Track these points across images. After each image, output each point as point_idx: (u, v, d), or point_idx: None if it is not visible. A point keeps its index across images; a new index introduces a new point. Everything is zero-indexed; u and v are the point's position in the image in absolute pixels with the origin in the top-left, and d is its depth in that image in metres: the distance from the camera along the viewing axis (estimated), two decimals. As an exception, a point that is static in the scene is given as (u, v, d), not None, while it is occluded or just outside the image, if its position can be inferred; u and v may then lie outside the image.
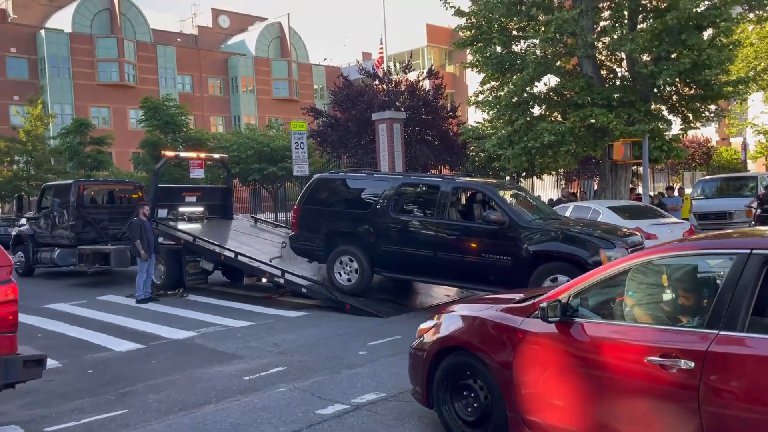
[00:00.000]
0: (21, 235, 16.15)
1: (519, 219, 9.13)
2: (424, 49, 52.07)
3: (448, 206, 9.82)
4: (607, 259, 8.42)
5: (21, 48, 47.19)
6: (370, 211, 10.25)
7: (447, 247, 9.48)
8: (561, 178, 28.60)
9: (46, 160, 32.13)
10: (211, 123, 54.37)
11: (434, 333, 4.78)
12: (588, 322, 3.85)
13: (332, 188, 11.12)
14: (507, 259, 9.00)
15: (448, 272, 9.61)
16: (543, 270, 8.72)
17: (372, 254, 10.14)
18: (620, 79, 17.09)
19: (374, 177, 11.09)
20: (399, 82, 22.75)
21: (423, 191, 10.55)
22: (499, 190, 9.88)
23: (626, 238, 9.14)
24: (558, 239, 8.84)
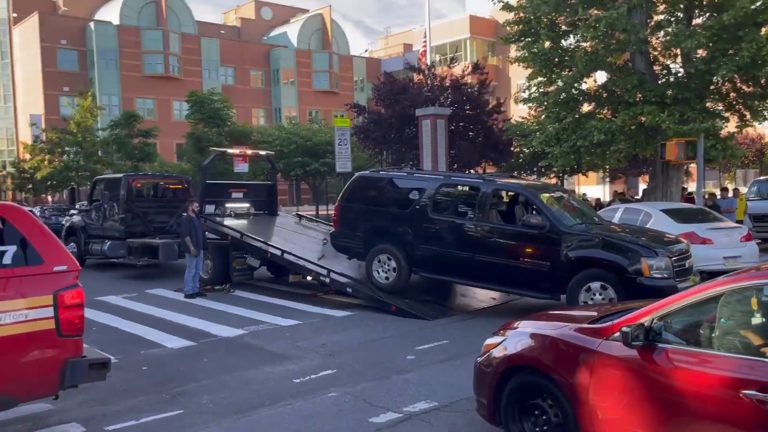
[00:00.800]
0: (73, 226, 16.57)
1: (559, 223, 9.01)
2: (467, 40, 51.54)
3: (487, 208, 9.76)
4: (648, 268, 8.33)
5: (71, 39, 48.39)
6: (409, 211, 10.25)
7: (485, 250, 9.43)
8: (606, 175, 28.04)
9: (95, 151, 32.96)
10: (252, 115, 54.96)
11: (502, 350, 4.68)
12: (674, 348, 3.70)
13: (373, 187, 11.16)
14: (546, 264, 8.93)
15: (487, 275, 9.56)
16: (582, 276, 8.64)
17: (410, 254, 10.17)
18: (674, 76, 16.59)
19: (414, 176, 11.07)
20: (443, 77, 22.54)
21: (463, 192, 10.50)
22: (541, 193, 9.76)
23: (671, 246, 8.93)
24: (598, 245, 8.72)
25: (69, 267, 4.85)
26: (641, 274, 8.33)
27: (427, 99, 21.38)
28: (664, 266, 8.40)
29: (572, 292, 8.66)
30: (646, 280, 8.30)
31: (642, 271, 8.36)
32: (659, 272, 8.35)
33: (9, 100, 54.55)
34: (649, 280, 8.30)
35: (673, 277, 8.44)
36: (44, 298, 4.68)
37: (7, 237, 4.68)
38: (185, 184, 16.53)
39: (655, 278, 8.32)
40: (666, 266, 8.40)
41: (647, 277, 8.32)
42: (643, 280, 8.31)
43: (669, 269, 8.42)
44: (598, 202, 22.27)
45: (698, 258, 11.49)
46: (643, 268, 8.34)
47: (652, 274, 8.32)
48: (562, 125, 16.29)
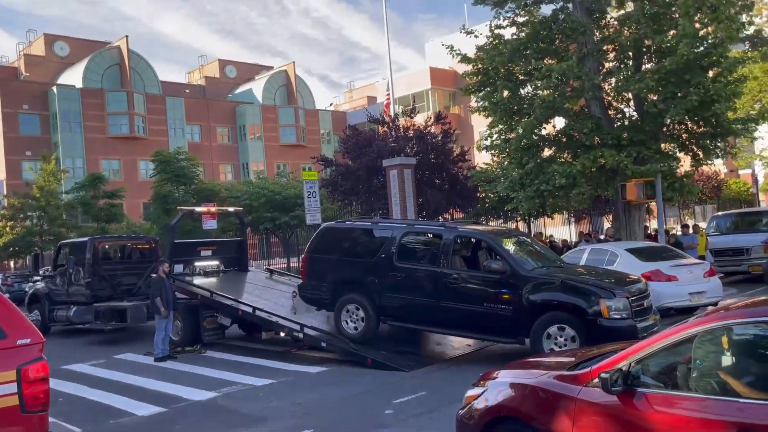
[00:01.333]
0: (37, 293, 16.18)
1: (520, 268, 9.20)
2: (429, 91, 52.74)
3: (450, 254, 9.88)
4: (607, 309, 8.50)
5: (33, 105, 48.13)
6: (375, 260, 10.34)
7: (449, 296, 9.53)
8: (572, 216, 28.54)
9: (60, 214, 32.41)
10: (219, 171, 54.92)
11: (483, 401, 4.66)
12: (653, 392, 3.72)
13: (339, 237, 11.26)
14: (509, 308, 9.07)
15: (452, 322, 9.69)
16: (544, 320, 8.80)
17: (378, 303, 10.23)
18: (628, 119, 17.21)
19: (379, 225, 11.20)
20: (407, 128, 22.96)
21: (426, 239, 10.62)
22: (502, 238, 9.96)
23: (629, 286, 9.13)
24: (558, 289, 8.89)
25: (33, 340, 4.75)
26: (601, 316, 8.51)
27: (393, 150, 21.70)
28: (623, 307, 8.60)
29: (535, 336, 8.79)
30: (606, 321, 8.48)
31: (601, 313, 8.53)
32: (618, 313, 8.54)
33: (-31, 166, 53.61)
34: (608, 321, 8.48)
35: (632, 317, 8.63)
36: (7, 374, 4.55)
37: (-32, 312, 4.58)
38: (153, 244, 16.34)
39: (615, 319, 8.51)
40: (624, 307, 8.60)
41: (607, 318, 8.50)
42: (603, 322, 8.48)
43: (627, 309, 8.61)
44: (565, 243, 22.60)
45: (665, 295, 11.76)
46: (603, 310, 8.52)
47: (611, 315, 8.51)
48: (525, 170, 16.65)
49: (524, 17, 17.32)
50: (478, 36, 17.97)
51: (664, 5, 15.55)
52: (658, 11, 15.46)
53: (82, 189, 31.77)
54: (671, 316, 12.76)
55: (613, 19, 17.30)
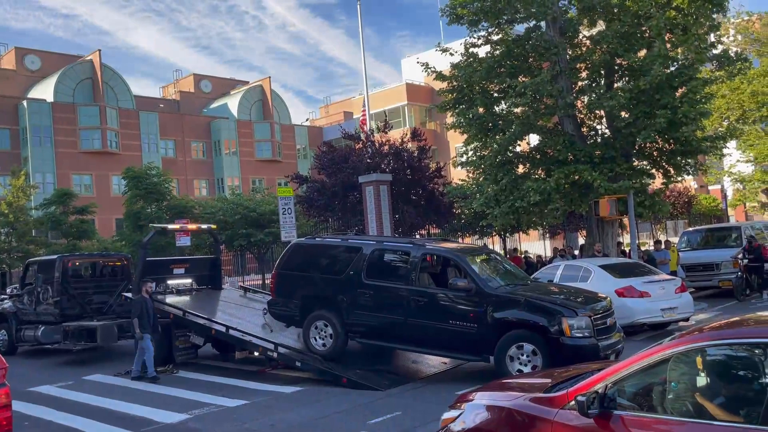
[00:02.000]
0: (3, 312, 15.74)
1: (485, 286, 9.29)
2: (405, 107, 53.10)
3: (418, 272, 9.92)
4: (569, 327, 8.61)
5: (3, 119, 47.33)
6: (344, 276, 10.34)
7: (416, 314, 9.57)
8: (546, 232, 28.83)
9: (29, 231, 31.75)
10: (194, 186, 54.45)
11: (460, 424, 4.59)
12: (629, 415, 3.70)
13: (308, 253, 11.25)
14: (474, 326, 9.15)
15: (419, 339, 9.68)
16: (508, 338, 8.92)
17: (346, 319, 10.22)
18: (601, 137, 17.48)
19: (348, 242, 11.11)
20: (383, 144, 23.02)
21: (394, 257, 10.60)
22: (469, 256, 10.01)
23: (593, 305, 9.23)
24: (521, 307, 8.97)
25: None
26: (563, 334, 8.61)
27: (369, 166, 21.72)
28: (585, 325, 8.70)
29: (499, 354, 8.89)
30: (569, 340, 8.58)
31: (563, 331, 8.63)
32: (580, 331, 8.65)
33: (-65, 181, 52.37)
34: (571, 340, 8.59)
35: (594, 335, 8.74)
36: (-32, 400, 4.39)
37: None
38: (125, 262, 16.06)
39: (577, 337, 8.62)
40: (587, 325, 8.71)
41: (569, 336, 8.60)
42: (565, 340, 8.59)
43: (590, 328, 8.72)
44: (539, 259, 22.78)
45: (638, 311, 11.89)
46: (565, 328, 8.62)
47: (573, 333, 8.61)
48: (499, 186, 16.80)
49: (498, 35, 17.55)
50: (453, 54, 18.16)
51: (634, 25, 15.89)
52: (629, 30, 15.79)
53: (51, 205, 31.20)
54: (644, 331, 12.92)
55: (585, 38, 17.62)
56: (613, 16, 16.43)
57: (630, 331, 12.68)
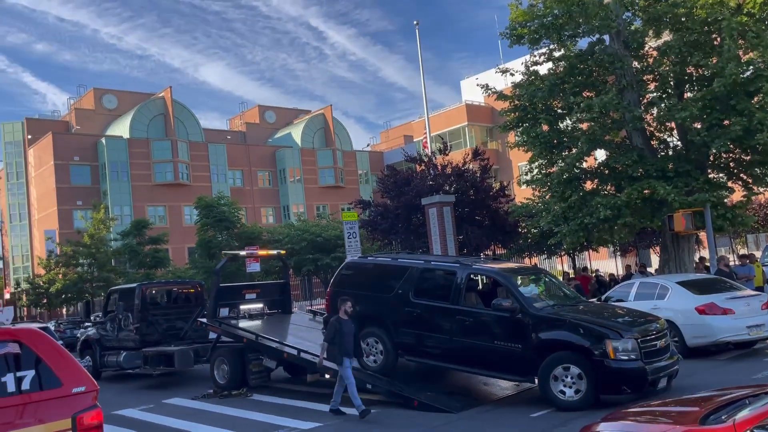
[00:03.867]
0: (88, 339, 16.50)
1: (530, 306, 9.19)
2: (465, 128, 52.99)
3: (464, 291, 9.94)
4: (613, 350, 8.39)
5: (83, 156, 50.09)
6: (393, 295, 10.50)
7: (462, 333, 9.60)
8: (617, 249, 27.95)
9: (109, 261, 33.34)
10: (261, 214, 55.86)
11: None
12: None
13: (360, 272, 11.51)
14: (518, 346, 9.07)
15: (465, 358, 9.69)
16: (552, 359, 8.73)
17: (395, 337, 10.33)
18: (672, 149, 16.91)
19: (398, 262, 11.21)
20: (445, 165, 23.03)
21: (441, 276, 10.61)
22: (515, 276, 9.96)
23: (643, 326, 8.97)
24: (565, 328, 8.83)
25: (87, 388, 4.83)
26: (608, 357, 8.40)
27: (431, 188, 21.75)
28: (631, 348, 8.47)
29: (543, 375, 8.77)
30: (613, 363, 8.38)
31: (608, 353, 8.42)
32: (626, 354, 8.42)
33: (24, 217, 55.80)
34: (615, 363, 8.39)
35: (641, 359, 8.48)
36: (63, 422, 4.63)
37: (25, 361, 4.69)
38: (198, 289, 16.58)
39: (622, 360, 8.40)
40: (633, 348, 8.47)
41: (613, 359, 8.38)
42: (610, 363, 8.39)
43: (636, 351, 8.47)
44: (612, 277, 22.08)
45: (721, 329, 11.33)
46: (609, 351, 8.41)
47: (618, 356, 8.39)
48: (567, 204, 16.46)
49: (560, 51, 17.35)
50: (513, 74, 18.06)
51: (703, 33, 15.40)
52: (698, 39, 15.31)
53: (127, 236, 32.68)
54: (729, 350, 12.28)
55: (651, 49, 17.19)
56: (680, 25, 15.97)
57: (713, 350, 12.11)
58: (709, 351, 12.09)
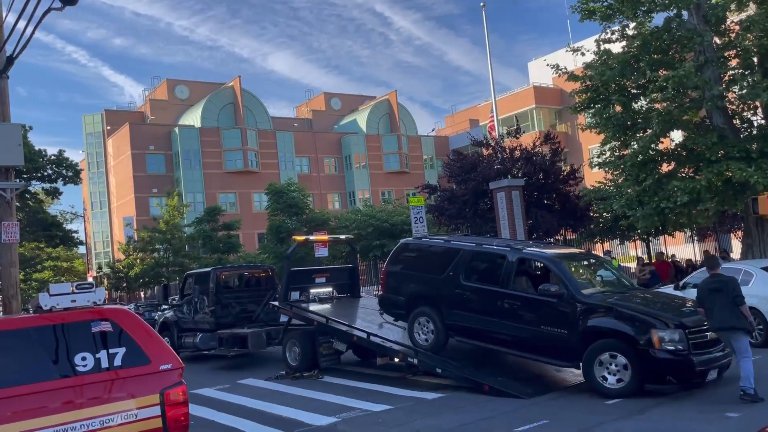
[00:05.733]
0: (166, 321, 17.23)
1: (577, 292, 9.15)
2: (533, 110, 51.87)
3: (513, 275, 9.97)
4: (659, 340, 8.27)
5: (158, 145, 52.07)
6: (444, 276, 10.66)
7: (509, 316, 9.70)
8: (694, 234, 26.80)
9: (183, 246, 34.62)
10: (328, 200, 56.64)
11: None
12: None
13: (414, 253, 11.67)
14: (564, 332, 9.08)
15: (512, 341, 9.80)
16: (596, 346, 8.72)
17: (445, 317, 10.51)
18: (757, 129, 16.02)
19: (451, 244, 11.28)
20: (513, 149, 22.63)
21: (491, 260, 10.63)
22: (565, 261, 9.85)
23: (692, 317, 8.69)
24: (611, 315, 8.74)
25: (173, 365, 5.05)
26: (652, 346, 8.30)
27: (499, 172, 21.44)
28: (678, 338, 8.32)
29: (587, 362, 8.76)
30: (659, 353, 8.28)
31: (653, 343, 8.30)
32: (672, 344, 8.29)
33: (104, 205, 58.67)
34: (661, 353, 8.28)
35: (689, 350, 8.31)
36: (152, 397, 4.86)
37: (117, 339, 4.95)
38: (270, 273, 17.00)
39: (668, 350, 8.27)
40: (680, 338, 8.32)
41: (659, 349, 8.27)
42: (655, 352, 8.29)
43: (683, 342, 8.30)
44: (689, 262, 21.23)
45: (812, 318, 10.70)
46: (654, 340, 8.30)
47: (663, 346, 8.27)
48: (642, 187, 15.89)
49: (634, 29, 16.67)
50: (584, 53, 17.51)
51: (791, 5, 14.47)
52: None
53: (201, 222, 33.81)
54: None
55: (733, 23, 16.28)
56: (765, -3, 15.05)
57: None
58: (796, 341, 11.48)
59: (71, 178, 29.38)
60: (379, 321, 12.80)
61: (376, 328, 12.06)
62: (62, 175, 29.18)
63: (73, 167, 29.36)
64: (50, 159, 28.38)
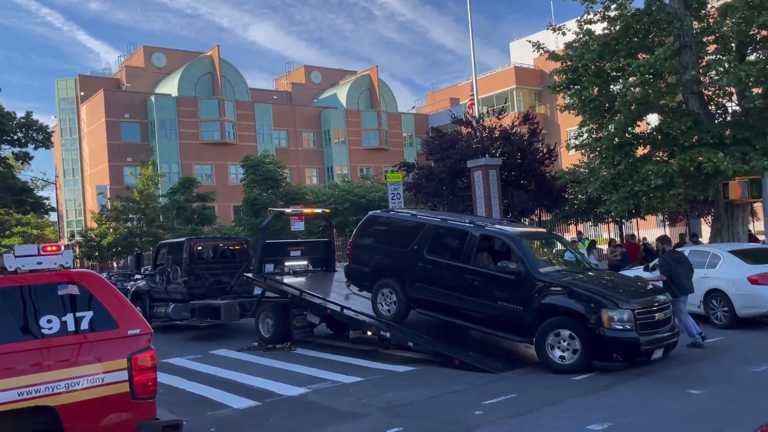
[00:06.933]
0: (139, 290, 17.07)
1: (534, 270, 9.42)
2: (513, 91, 51.91)
3: (474, 252, 10.19)
4: (608, 320, 8.60)
5: (133, 113, 51.13)
6: (408, 250, 10.83)
7: (469, 291, 9.96)
8: (666, 218, 27.22)
9: (157, 216, 34.22)
10: (305, 175, 56.30)
11: None
12: None
13: (381, 226, 11.83)
14: (520, 308, 9.37)
15: (471, 315, 10.07)
16: (549, 323, 9.02)
17: (408, 290, 10.73)
18: (731, 115, 16.22)
19: (417, 218, 11.46)
20: (492, 128, 22.66)
21: (455, 235, 10.83)
22: (525, 240, 10.07)
23: (644, 298, 9.11)
24: (566, 294, 9.03)
25: (142, 330, 5.00)
26: (602, 325, 8.60)
27: (477, 150, 21.47)
28: (627, 318, 8.64)
29: (540, 337, 9.07)
30: (607, 332, 8.59)
31: (602, 322, 8.61)
32: (620, 324, 8.59)
33: (77, 173, 57.64)
34: (610, 332, 8.59)
35: (637, 330, 8.64)
36: (119, 361, 4.82)
37: (84, 303, 4.88)
38: (244, 245, 16.89)
39: (617, 330, 8.59)
40: (628, 318, 8.64)
41: (608, 328, 8.58)
42: (604, 331, 8.59)
43: (632, 321, 8.63)
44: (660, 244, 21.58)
45: (775, 300, 10.98)
46: (604, 320, 8.60)
47: (612, 325, 8.59)
48: (617, 170, 16.04)
49: (616, 11, 16.68)
50: (565, 33, 17.50)
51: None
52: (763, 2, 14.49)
53: (176, 193, 33.41)
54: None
55: (713, 8, 16.37)
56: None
57: (764, 321, 11.80)
58: (759, 322, 11.79)
59: (42, 142, 28.73)
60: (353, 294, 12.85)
61: (342, 299, 12.14)
62: (33, 138, 28.52)
63: (44, 130, 28.70)
64: (20, 122, 27.67)
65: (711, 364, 9.26)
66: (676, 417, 6.77)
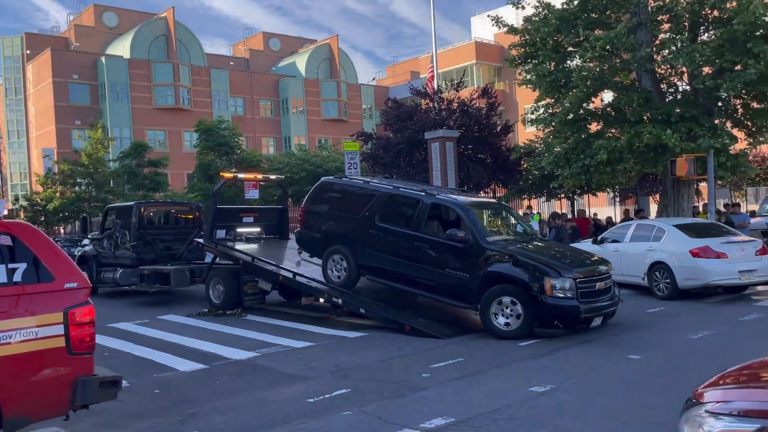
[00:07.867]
0: (85, 255, 16.60)
1: (482, 239, 9.61)
2: (473, 66, 51.96)
3: (425, 220, 10.33)
4: (551, 287, 8.90)
5: (83, 74, 49.24)
6: (360, 217, 10.87)
7: (419, 258, 10.09)
8: (617, 196, 27.88)
9: (107, 181, 33.24)
10: (262, 144, 55.45)
11: None
12: None
13: (333, 191, 11.78)
14: (466, 276, 9.55)
15: (419, 282, 10.23)
16: (493, 290, 9.24)
17: (359, 257, 10.77)
18: (681, 94, 16.60)
19: (369, 185, 11.46)
20: (451, 101, 22.64)
21: (406, 203, 10.89)
22: (474, 210, 10.24)
23: (586, 267, 9.41)
24: (509, 262, 9.26)
25: (79, 284, 4.83)
26: (544, 293, 8.88)
27: (435, 122, 21.45)
28: (568, 287, 8.92)
29: (485, 304, 9.29)
30: (549, 299, 8.88)
31: (545, 290, 8.88)
32: (562, 292, 8.89)
33: (22, 134, 55.37)
34: (551, 299, 8.88)
35: (577, 298, 8.92)
36: (54, 315, 4.65)
37: (17, 254, 4.68)
38: (197, 213, 16.58)
39: (558, 297, 8.87)
40: (570, 287, 8.93)
41: (549, 296, 8.86)
42: (545, 299, 8.88)
43: (573, 290, 8.92)
44: (609, 220, 22.14)
45: (713, 273, 11.42)
46: (546, 287, 8.87)
47: (554, 293, 8.87)
48: (569, 145, 16.28)
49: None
50: (524, 7, 17.53)
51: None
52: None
53: (126, 157, 32.48)
54: (718, 294, 12.41)
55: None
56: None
57: (703, 293, 12.24)
58: (699, 294, 12.22)
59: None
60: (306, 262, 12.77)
61: (294, 266, 12.07)
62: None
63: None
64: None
65: (651, 332, 9.56)
66: (617, 379, 6.98)
